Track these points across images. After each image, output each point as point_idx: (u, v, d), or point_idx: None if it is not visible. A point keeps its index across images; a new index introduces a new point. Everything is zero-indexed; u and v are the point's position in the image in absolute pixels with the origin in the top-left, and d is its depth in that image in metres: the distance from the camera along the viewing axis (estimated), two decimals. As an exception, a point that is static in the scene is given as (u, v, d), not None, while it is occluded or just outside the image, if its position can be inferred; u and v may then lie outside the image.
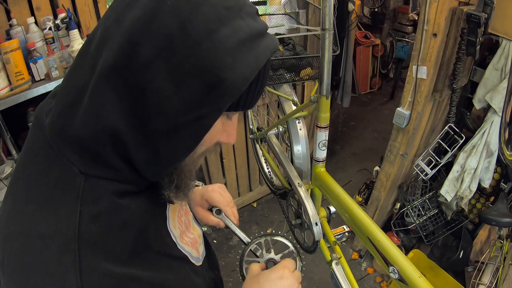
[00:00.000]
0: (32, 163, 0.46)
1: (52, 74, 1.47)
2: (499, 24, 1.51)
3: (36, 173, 0.45)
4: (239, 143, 2.55)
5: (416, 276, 0.72)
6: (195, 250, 0.65)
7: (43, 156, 0.45)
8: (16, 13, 1.46)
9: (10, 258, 0.42)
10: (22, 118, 1.55)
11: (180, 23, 0.38)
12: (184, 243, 0.62)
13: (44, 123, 0.46)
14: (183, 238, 0.62)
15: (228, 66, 0.39)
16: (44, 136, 0.45)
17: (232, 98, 0.41)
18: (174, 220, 0.60)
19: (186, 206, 0.71)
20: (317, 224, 1.06)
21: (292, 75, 1.13)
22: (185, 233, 0.64)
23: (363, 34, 4.13)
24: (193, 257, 0.63)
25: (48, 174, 0.44)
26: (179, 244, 0.59)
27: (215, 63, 0.39)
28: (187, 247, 0.62)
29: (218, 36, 0.39)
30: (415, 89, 1.70)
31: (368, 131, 3.82)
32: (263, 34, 0.43)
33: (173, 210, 0.61)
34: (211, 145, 0.51)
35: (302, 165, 1.26)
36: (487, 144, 1.72)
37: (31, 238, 0.41)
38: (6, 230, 0.44)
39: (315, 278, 2.29)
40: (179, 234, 0.61)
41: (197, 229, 0.73)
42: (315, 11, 1.24)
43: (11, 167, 1.55)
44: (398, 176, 2.04)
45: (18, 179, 0.47)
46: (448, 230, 2.02)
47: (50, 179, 0.44)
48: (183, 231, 0.63)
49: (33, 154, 0.47)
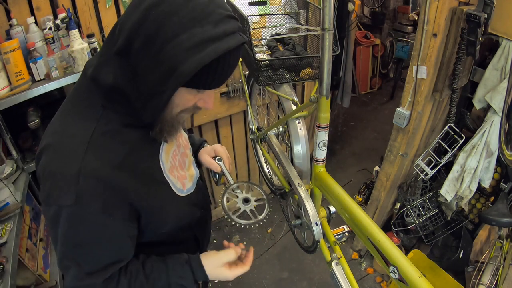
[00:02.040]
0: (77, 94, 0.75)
1: (52, 74, 1.47)
2: (499, 24, 1.51)
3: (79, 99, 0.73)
4: (239, 143, 2.55)
5: (416, 276, 0.72)
6: (180, 183, 0.88)
7: (83, 91, 0.73)
8: (16, 13, 1.46)
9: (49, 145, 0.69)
10: (22, 118, 1.55)
11: (157, 28, 0.59)
12: (172, 175, 0.85)
13: (88, 71, 0.71)
14: (172, 171, 0.85)
15: (181, 60, 0.59)
16: (86, 79, 0.72)
17: (182, 81, 0.61)
18: (167, 155, 0.84)
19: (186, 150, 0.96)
20: (317, 224, 1.06)
21: (292, 75, 1.13)
22: (176, 168, 0.88)
23: (363, 34, 4.13)
24: (176, 187, 0.85)
25: (84, 101, 0.72)
26: (166, 173, 0.82)
27: (174, 57, 0.59)
28: (172, 178, 0.85)
29: (178, 39, 0.58)
30: (415, 89, 1.70)
31: (368, 131, 3.82)
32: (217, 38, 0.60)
33: (168, 147, 0.85)
34: (188, 107, 0.72)
35: (302, 165, 1.26)
36: (487, 144, 1.72)
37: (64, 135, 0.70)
38: (52, 128, 0.72)
39: (315, 278, 2.29)
40: (169, 167, 0.84)
41: (193, 170, 0.98)
42: (315, 11, 1.24)
43: (11, 167, 1.55)
44: (398, 176, 2.04)
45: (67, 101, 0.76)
46: (448, 230, 2.02)
47: (84, 104, 0.71)
48: (174, 166, 0.87)
49: (78, 90, 0.75)
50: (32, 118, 1.53)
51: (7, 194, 1.43)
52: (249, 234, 2.61)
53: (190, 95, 0.69)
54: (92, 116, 0.70)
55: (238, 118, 2.42)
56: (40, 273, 1.49)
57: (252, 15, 1.49)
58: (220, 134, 2.40)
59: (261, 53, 1.27)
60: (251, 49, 1.02)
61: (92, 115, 0.70)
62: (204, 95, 0.72)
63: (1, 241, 1.28)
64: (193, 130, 2.24)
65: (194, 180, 0.96)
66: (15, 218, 1.39)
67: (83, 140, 0.67)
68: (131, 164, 0.72)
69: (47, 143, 0.70)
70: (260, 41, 1.39)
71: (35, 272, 1.45)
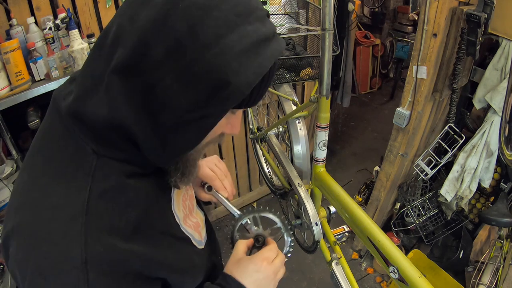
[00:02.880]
0: (49, 141, 0.51)
1: (52, 74, 1.47)
2: (499, 24, 1.51)
3: (52, 150, 0.49)
4: (239, 143, 2.55)
5: (416, 276, 0.72)
6: (197, 234, 0.68)
7: (59, 136, 0.49)
8: (16, 13, 1.46)
9: (20, 226, 0.46)
10: (22, 118, 1.55)
11: (190, 27, 0.39)
12: (187, 225, 0.65)
13: (61, 105, 0.50)
14: (186, 221, 0.65)
15: (233, 71, 0.41)
16: (60, 117, 0.49)
17: (236, 101, 0.43)
18: (178, 203, 0.64)
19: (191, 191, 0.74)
20: (317, 224, 1.06)
21: (292, 75, 1.13)
22: (188, 216, 0.67)
23: (363, 34, 4.13)
24: (195, 239, 0.66)
25: (63, 152, 0.48)
26: (182, 226, 0.62)
27: (221, 68, 0.40)
28: (190, 230, 0.65)
29: (225, 41, 0.40)
30: (415, 89, 1.70)
31: (368, 131, 3.82)
32: (270, 38, 0.45)
33: (177, 193, 0.64)
34: (215, 136, 0.54)
35: (302, 165, 1.26)
36: (487, 144, 1.72)
37: (42, 208, 0.45)
38: (19, 201, 0.48)
39: (315, 278, 2.29)
40: (183, 217, 0.64)
41: (200, 214, 0.77)
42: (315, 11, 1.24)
43: (11, 167, 1.55)
44: (398, 176, 2.04)
45: (33, 155, 0.52)
46: (448, 230, 2.02)
47: (65, 156, 0.48)
48: (186, 214, 0.66)
49: (50, 133, 0.51)
50: (32, 118, 1.53)
51: (7, 194, 1.43)
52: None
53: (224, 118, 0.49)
54: (83, 171, 0.47)
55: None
56: (40, 273, 1.49)
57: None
58: (220, 134, 2.40)
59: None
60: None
61: (82, 169, 0.47)
62: (234, 119, 0.54)
63: (1, 241, 1.28)
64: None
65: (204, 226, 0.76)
66: (15, 218, 1.39)
67: (76, 210, 0.44)
68: (146, 227, 0.51)
69: (17, 223, 0.46)
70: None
71: (35, 272, 1.45)
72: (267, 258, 0.70)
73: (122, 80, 0.43)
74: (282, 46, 0.47)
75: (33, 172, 0.50)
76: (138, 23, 0.41)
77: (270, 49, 0.44)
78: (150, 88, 0.42)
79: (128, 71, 0.42)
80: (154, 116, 0.44)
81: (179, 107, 0.42)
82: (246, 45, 0.41)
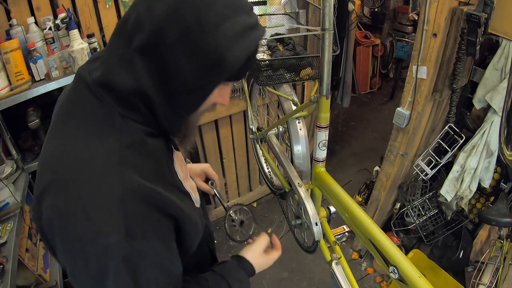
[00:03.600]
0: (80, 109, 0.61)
1: (52, 74, 1.47)
2: (499, 24, 1.51)
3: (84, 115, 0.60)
4: (239, 143, 2.55)
5: (416, 276, 0.72)
6: (194, 194, 0.79)
7: (89, 104, 0.60)
8: (16, 13, 1.46)
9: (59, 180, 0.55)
10: (22, 118, 1.55)
11: (196, 17, 0.52)
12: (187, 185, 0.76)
13: (87, 80, 0.60)
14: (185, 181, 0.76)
15: (227, 50, 0.54)
16: (89, 89, 0.60)
17: (228, 72, 0.57)
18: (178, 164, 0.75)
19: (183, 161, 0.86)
20: (317, 224, 1.06)
21: (292, 75, 1.13)
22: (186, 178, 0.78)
23: (363, 34, 4.13)
24: (193, 198, 0.77)
25: (94, 116, 0.59)
26: (183, 183, 0.74)
27: (218, 47, 0.54)
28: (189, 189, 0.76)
29: (222, 28, 0.54)
30: (415, 89, 1.70)
31: (368, 131, 3.82)
32: (254, 26, 0.58)
33: (177, 156, 0.75)
34: (210, 106, 0.66)
35: (302, 165, 1.26)
36: (487, 144, 1.72)
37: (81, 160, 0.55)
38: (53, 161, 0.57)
39: (315, 278, 2.29)
40: (183, 177, 0.75)
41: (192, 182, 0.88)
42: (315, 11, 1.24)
43: (11, 167, 1.55)
44: (398, 176, 2.04)
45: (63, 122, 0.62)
46: (448, 230, 2.02)
47: (96, 119, 0.59)
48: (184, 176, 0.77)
49: (79, 103, 0.61)
50: (32, 118, 1.53)
51: (7, 194, 1.43)
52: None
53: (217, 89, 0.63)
54: (113, 129, 0.58)
55: (238, 118, 2.42)
56: (40, 273, 1.49)
57: (252, 15, 1.49)
58: (220, 134, 2.40)
59: (261, 53, 1.27)
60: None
61: (112, 127, 0.58)
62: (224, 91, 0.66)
63: (1, 241, 1.28)
64: (193, 130, 2.24)
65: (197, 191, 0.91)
66: (15, 218, 1.39)
67: (111, 157, 0.56)
68: (161, 176, 0.63)
69: (55, 178, 0.55)
70: (260, 41, 1.39)
71: (35, 272, 1.45)
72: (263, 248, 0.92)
73: (142, 57, 0.56)
74: (263, 32, 0.61)
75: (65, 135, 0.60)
76: (154, 12, 0.53)
77: (255, 34, 0.58)
78: (165, 63, 0.55)
79: (147, 50, 0.55)
80: (167, 85, 0.57)
81: (186, 78, 0.56)
82: (236, 31, 0.55)
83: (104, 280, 0.54)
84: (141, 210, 0.56)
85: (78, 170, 0.55)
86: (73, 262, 0.56)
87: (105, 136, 0.58)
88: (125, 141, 0.58)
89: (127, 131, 0.59)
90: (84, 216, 0.52)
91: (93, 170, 0.55)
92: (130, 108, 0.59)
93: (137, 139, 0.60)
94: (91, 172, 0.54)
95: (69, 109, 0.62)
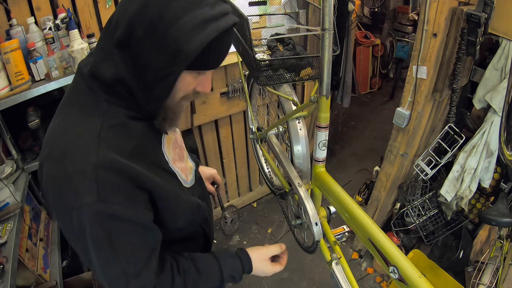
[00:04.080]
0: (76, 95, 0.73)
1: (52, 74, 1.47)
2: (499, 24, 1.51)
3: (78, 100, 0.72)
4: (239, 143, 2.55)
5: (416, 276, 0.72)
6: (184, 175, 0.88)
7: (83, 91, 0.71)
8: (16, 13, 1.46)
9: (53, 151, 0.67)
10: (22, 118, 1.55)
11: (159, 14, 0.59)
12: (176, 166, 0.85)
13: (83, 71, 0.71)
14: (175, 163, 0.86)
15: (185, 41, 0.60)
16: (84, 79, 0.71)
17: (188, 61, 0.62)
18: (169, 147, 0.85)
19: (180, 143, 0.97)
20: (317, 224, 1.06)
21: (292, 75, 1.12)
22: (177, 161, 0.88)
23: (363, 34, 4.13)
24: (181, 178, 0.86)
25: (85, 101, 0.70)
26: (171, 164, 0.83)
27: (178, 39, 0.60)
28: (177, 169, 0.85)
29: (181, 22, 0.59)
30: (415, 89, 1.70)
31: (368, 131, 3.82)
32: (216, 18, 0.62)
33: (168, 140, 0.85)
34: (189, 92, 0.73)
35: (302, 165, 1.26)
36: (487, 144, 1.72)
37: (70, 135, 0.67)
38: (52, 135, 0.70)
39: (315, 278, 2.29)
40: (172, 159, 0.85)
41: (190, 163, 0.99)
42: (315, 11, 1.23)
43: (11, 167, 1.55)
44: (398, 176, 2.04)
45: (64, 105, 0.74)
46: (448, 230, 2.02)
47: (86, 103, 0.70)
48: (175, 159, 0.87)
49: (76, 91, 0.73)
50: (32, 118, 1.53)
51: (7, 194, 1.43)
52: (249, 234, 2.61)
53: (191, 78, 0.70)
54: (98, 112, 0.68)
55: (238, 118, 2.42)
56: (40, 273, 1.49)
57: (252, 15, 1.49)
58: (220, 134, 2.40)
59: (261, 53, 1.27)
60: (251, 49, 1.02)
61: (97, 111, 0.68)
62: (202, 79, 0.72)
63: (1, 241, 1.28)
64: (193, 130, 2.24)
65: (193, 173, 0.98)
66: (15, 218, 1.39)
67: (92, 135, 0.66)
68: (141, 155, 0.72)
69: (50, 150, 0.67)
70: (260, 41, 1.39)
71: (35, 272, 1.45)
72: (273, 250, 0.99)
73: (120, 50, 0.64)
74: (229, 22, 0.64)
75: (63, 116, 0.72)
76: (128, 12, 0.61)
77: (215, 25, 0.62)
78: (136, 55, 0.63)
79: (123, 44, 0.63)
80: (141, 74, 0.65)
81: (154, 67, 0.63)
82: (194, 24, 0.60)
83: (84, 235, 0.65)
84: (113, 180, 0.65)
85: (66, 144, 0.66)
86: (62, 220, 0.67)
87: (91, 118, 0.68)
88: (107, 123, 0.68)
89: (111, 114, 0.69)
90: (67, 180, 0.64)
91: (76, 144, 0.65)
92: (114, 95, 0.69)
93: (119, 121, 0.70)
94: (74, 145, 0.65)
95: (69, 95, 0.75)
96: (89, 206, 0.63)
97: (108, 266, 0.69)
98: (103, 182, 0.64)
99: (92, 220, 0.64)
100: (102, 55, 0.68)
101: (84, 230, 0.65)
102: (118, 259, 0.69)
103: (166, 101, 0.71)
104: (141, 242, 0.72)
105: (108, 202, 0.64)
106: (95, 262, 0.69)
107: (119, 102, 0.70)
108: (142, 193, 0.71)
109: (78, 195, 0.63)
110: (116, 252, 0.68)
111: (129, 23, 0.61)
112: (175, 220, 0.82)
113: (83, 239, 0.66)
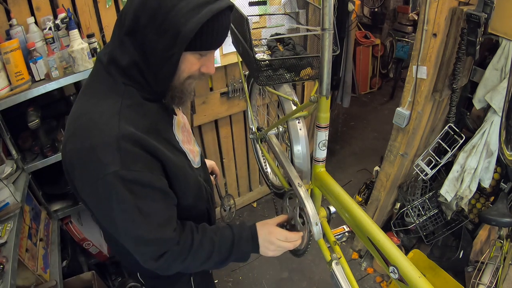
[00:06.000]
0: (97, 81, 0.82)
1: (52, 74, 1.47)
2: (499, 24, 1.51)
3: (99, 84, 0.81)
4: (239, 143, 2.55)
5: (416, 276, 0.72)
6: (192, 156, 0.97)
7: (102, 76, 0.80)
8: (16, 13, 1.46)
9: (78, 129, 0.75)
10: (22, 118, 1.54)
11: (159, 3, 0.69)
12: (185, 146, 0.93)
13: (103, 60, 0.80)
14: (184, 144, 0.94)
15: (182, 24, 0.69)
16: (103, 66, 0.80)
17: (186, 41, 0.71)
18: (178, 129, 0.94)
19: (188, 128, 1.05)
20: (317, 224, 1.06)
21: (292, 75, 1.12)
22: (186, 143, 0.96)
23: (363, 34, 4.13)
24: (190, 157, 0.95)
25: (104, 85, 0.79)
26: (181, 144, 0.92)
27: (176, 23, 0.69)
28: (186, 150, 0.93)
29: (178, 7, 0.69)
30: (415, 89, 1.70)
31: (368, 131, 3.82)
32: (209, 2, 0.70)
33: (178, 122, 0.94)
34: (193, 73, 0.81)
35: (302, 165, 1.26)
36: (487, 144, 1.72)
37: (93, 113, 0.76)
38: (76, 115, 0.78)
39: (315, 278, 2.29)
40: (182, 140, 0.93)
41: (197, 147, 1.07)
42: (315, 11, 1.23)
43: (11, 167, 1.55)
44: (398, 176, 2.04)
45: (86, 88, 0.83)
46: (448, 230, 2.02)
47: (106, 86, 0.79)
48: (184, 141, 0.95)
49: (96, 77, 0.83)
50: (32, 118, 1.53)
51: (7, 194, 1.43)
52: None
53: (194, 58, 0.78)
54: (117, 93, 0.77)
55: (238, 118, 2.42)
56: (40, 273, 1.49)
57: (252, 15, 1.49)
58: (220, 134, 2.40)
59: (261, 53, 1.27)
60: (251, 49, 1.02)
61: (116, 92, 0.77)
62: (205, 60, 0.80)
63: (1, 241, 1.28)
64: (193, 130, 2.24)
65: (199, 157, 1.06)
66: (15, 218, 1.39)
67: (113, 112, 0.74)
68: (155, 132, 0.80)
69: (74, 128, 0.76)
70: (260, 41, 1.39)
71: (35, 272, 1.45)
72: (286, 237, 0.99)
73: (129, 38, 0.74)
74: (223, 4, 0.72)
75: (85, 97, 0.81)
76: (133, 4, 0.72)
77: (209, 8, 0.70)
78: (143, 41, 0.73)
79: (131, 33, 0.73)
80: (148, 57, 0.75)
81: (158, 50, 0.73)
82: (190, 7, 0.69)
83: (110, 201, 0.73)
84: (133, 149, 0.73)
85: (89, 121, 0.74)
86: (89, 191, 0.76)
87: (111, 98, 0.77)
88: (125, 102, 0.77)
89: (128, 95, 0.78)
90: (92, 152, 0.71)
91: (99, 120, 0.74)
92: (130, 78, 0.78)
93: (135, 101, 0.79)
94: (98, 122, 0.74)
95: (88, 81, 0.84)
96: (114, 173, 0.71)
97: (134, 225, 0.76)
98: (124, 151, 0.72)
99: (117, 186, 0.72)
100: (117, 43, 0.77)
101: (110, 196, 0.73)
102: (143, 218, 0.76)
103: (172, 81, 0.79)
104: (160, 203, 0.80)
105: (130, 169, 0.72)
106: (121, 224, 0.77)
107: (134, 85, 0.79)
108: (157, 163, 0.79)
109: (104, 165, 0.71)
110: (141, 212, 0.75)
111: (135, 13, 0.71)
112: (184, 196, 0.89)
113: (109, 206, 0.74)
